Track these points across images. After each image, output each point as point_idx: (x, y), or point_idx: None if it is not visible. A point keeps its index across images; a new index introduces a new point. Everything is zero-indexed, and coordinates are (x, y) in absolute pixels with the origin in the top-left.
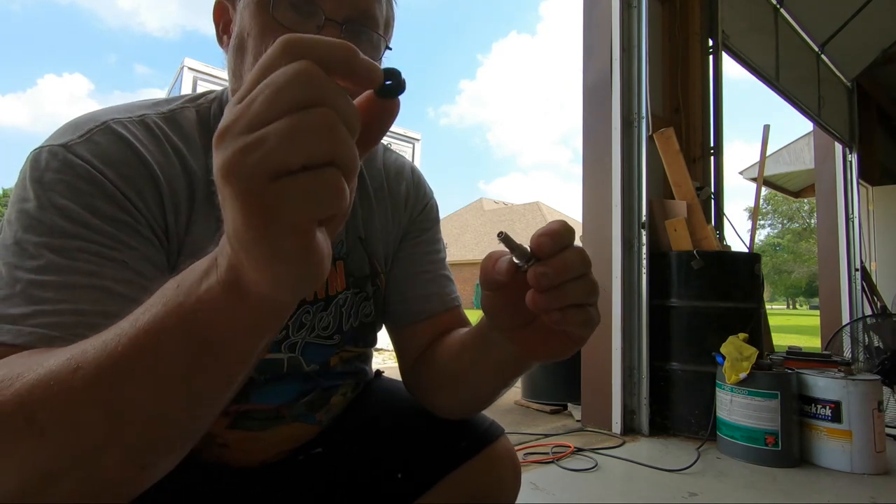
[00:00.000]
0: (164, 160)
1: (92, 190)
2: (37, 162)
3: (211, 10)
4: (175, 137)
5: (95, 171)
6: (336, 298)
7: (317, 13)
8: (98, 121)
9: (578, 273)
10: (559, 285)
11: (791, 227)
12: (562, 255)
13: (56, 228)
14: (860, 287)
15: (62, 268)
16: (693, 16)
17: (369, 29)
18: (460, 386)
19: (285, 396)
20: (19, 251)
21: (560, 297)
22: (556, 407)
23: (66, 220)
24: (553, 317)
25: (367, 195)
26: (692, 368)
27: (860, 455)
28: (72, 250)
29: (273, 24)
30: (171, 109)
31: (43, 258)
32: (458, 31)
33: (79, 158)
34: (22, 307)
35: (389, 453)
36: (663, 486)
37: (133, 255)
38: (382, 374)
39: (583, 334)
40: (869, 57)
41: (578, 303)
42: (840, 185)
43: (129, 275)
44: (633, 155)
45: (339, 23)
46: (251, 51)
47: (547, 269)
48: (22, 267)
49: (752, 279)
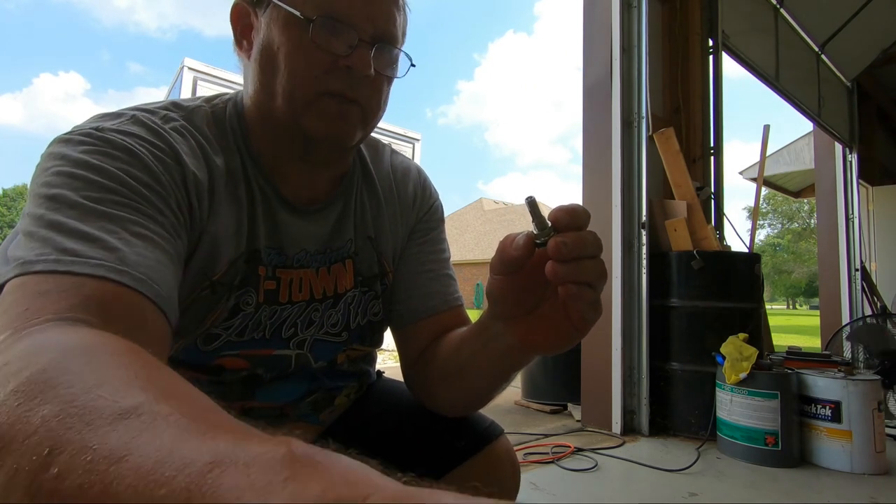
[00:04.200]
0: (189, 150)
1: (128, 158)
2: (67, 142)
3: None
4: (196, 133)
5: (130, 144)
6: (345, 296)
7: (348, 32)
8: (126, 115)
9: (593, 252)
10: (577, 259)
11: (791, 227)
12: (580, 232)
13: (94, 184)
14: (860, 287)
15: (104, 215)
16: (693, 16)
17: (394, 47)
18: (460, 381)
19: (290, 395)
20: (55, 205)
21: (577, 271)
22: (556, 407)
23: (103, 177)
24: (570, 289)
25: (377, 195)
26: (692, 368)
27: (860, 455)
28: (109, 203)
29: (307, 42)
30: (189, 108)
31: (82, 208)
32: (454, 31)
33: (114, 134)
34: (75, 242)
35: (389, 452)
36: (663, 486)
37: (166, 221)
38: (383, 374)
39: (588, 318)
40: (869, 57)
41: (592, 282)
42: (840, 185)
43: (165, 233)
44: (633, 155)
45: (370, 44)
46: (284, 67)
47: (567, 240)
48: (62, 213)
49: (752, 279)
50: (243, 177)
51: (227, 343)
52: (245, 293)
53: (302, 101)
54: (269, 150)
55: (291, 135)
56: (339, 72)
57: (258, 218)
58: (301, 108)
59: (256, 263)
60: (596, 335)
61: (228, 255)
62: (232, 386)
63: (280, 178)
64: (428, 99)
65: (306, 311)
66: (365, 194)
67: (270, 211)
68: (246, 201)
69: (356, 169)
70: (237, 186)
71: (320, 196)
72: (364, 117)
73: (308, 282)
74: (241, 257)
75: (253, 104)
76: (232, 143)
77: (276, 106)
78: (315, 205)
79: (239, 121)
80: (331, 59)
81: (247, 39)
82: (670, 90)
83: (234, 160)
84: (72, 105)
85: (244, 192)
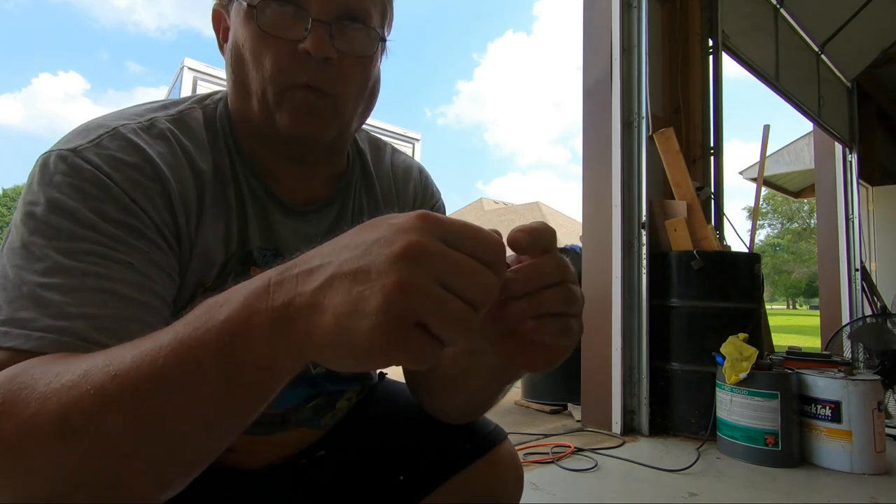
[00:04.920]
0: (174, 162)
1: (99, 194)
2: (45, 166)
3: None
4: (184, 139)
5: (103, 175)
6: None
7: (303, 16)
8: (107, 126)
9: (554, 280)
10: (533, 293)
11: (791, 227)
12: (536, 261)
13: (63, 231)
14: (860, 287)
15: (69, 270)
16: (693, 16)
17: (361, 23)
18: (456, 391)
19: (292, 401)
20: (27, 254)
21: (534, 305)
22: (556, 407)
23: (74, 224)
24: (527, 325)
25: (375, 197)
26: (692, 368)
27: (860, 455)
28: (79, 253)
29: (262, 32)
30: (179, 111)
31: (50, 260)
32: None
33: (87, 163)
34: (30, 311)
35: (392, 456)
36: (663, 486)
37: (140, 257)
38: (386, 376)
39: (561, 345)
40: (869, 57)
41: (555, 312)
42: (840, 185)
43: (136, 277)
44: (633, 155)
45: (327, 23)
46: (249, 62)
47: (518, 275)
48: (29, 269)
49: (752, 279)
50: (232, 177)
51: None
52: None
53: (273, 98)
54: (257, 150)
55: (270, 135)
56: (299, 60)
57: (249, 219)
58: (273, 105)
59: (249, 265)
60: (596, 335)
61: (220, 259)
62: None
63: (272, 178)
64: (427, 99)
65: None
66: (363, 195)
67: (263, 212)
68: (235, 202)
69: (355, 169)
70: (226, 188)
71: (317, 197)
72: (335, 108)
73: None
74: (234, 259)
75: (234, 106)
76: (222, 144)
77: (251, 106)
78: (311, 206)
79: (229, 121)
80: (288, 46)
81: (226, 42)
82: (670, 90)
83: (223, 161)
84: (71, 105)
85: (233, 193)
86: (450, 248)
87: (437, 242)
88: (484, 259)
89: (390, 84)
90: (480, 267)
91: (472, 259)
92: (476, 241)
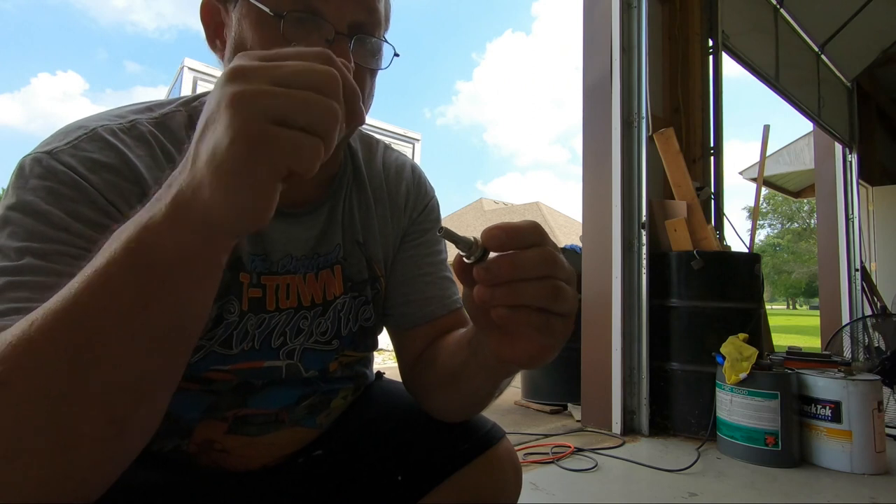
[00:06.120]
0: (154, 164)
1: (74, 195)
2: (22, 169)
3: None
4: (166, 142)
5: (78, 176)
6: (334, 303)
7: (323, 26)
8: (87, 128)
9: (537, 274)
10: (510, 282)
11: (791, 227)
12: (516, 253)
13: (37, 233)
14: (860, 287)
15: (39, 269)
16: (693, 16)
17: (375, 37)
18: (455, 387)
19: (285, 401)
20: (1, 256)
21: (510, 294)
22: (556, 407)
23: (47, 226)
24: (498, 312)
25: (366, 197)
26: (692, 368)
27: (860, 455)
28: (51, 254)
29: (278, 38)
30: (162, 114)
31: (22, 261)
32: (452, 31)
33: (62, 165)
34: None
35: (390, 455)
36: (663, 487)
37: None
38: (383, 375)
39: (541, 341)
40: (869, 57)
41: (536, 306)
42: (840, 186)
43: None
44: (633, 155)
45: (348, 35)
46: None
47: (490, 264)
48: (1, 270)
49: (752, 279)
50: None
51: (216, 356)
52: (227, 302)
53: None
54: None
55: None
56: None
57: None
58: None
59: (238, 270)
60: (596, 335)
61: None
62: (223, 395)
63: None
64: (427, 99)
65: (294, 319)
66: (354, 196)
67: None
68: None
69: (347, 169)
70: None
71: (308, 198)
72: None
73: (295, 288)
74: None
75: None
76: None
77: None
78: (302, 207)
79: None
80: None
81: (220, 38)
82: (670, 90)
83: None
84: (70, 104)
85: None
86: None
87: (262, 84)
88: (316, 90)
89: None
90: (311, 94)
91: (302, 90)
92: (302, 73)
